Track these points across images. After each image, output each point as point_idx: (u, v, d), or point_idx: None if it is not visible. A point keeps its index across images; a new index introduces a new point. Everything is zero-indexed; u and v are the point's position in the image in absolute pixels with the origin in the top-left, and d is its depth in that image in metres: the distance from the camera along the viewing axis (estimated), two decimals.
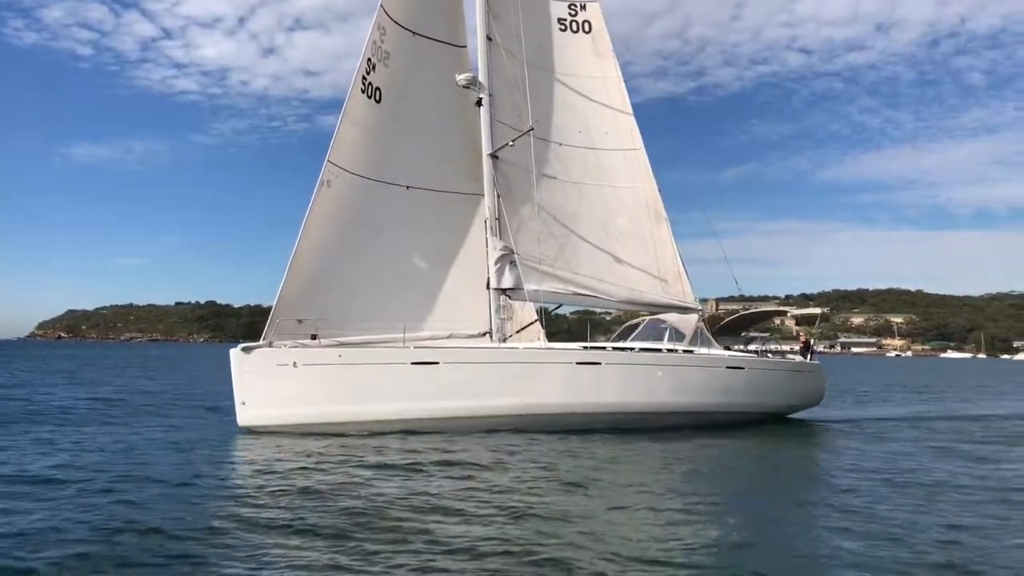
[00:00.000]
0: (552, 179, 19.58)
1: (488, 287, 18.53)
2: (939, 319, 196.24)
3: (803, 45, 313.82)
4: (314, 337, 16.23)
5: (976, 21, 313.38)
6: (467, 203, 19.22)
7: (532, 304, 19.85)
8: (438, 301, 18.20)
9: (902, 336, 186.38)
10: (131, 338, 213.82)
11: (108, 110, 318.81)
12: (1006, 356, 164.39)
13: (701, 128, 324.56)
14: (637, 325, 19.76)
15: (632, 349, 17.93)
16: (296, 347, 15.97)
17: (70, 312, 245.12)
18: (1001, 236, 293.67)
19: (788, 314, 20.96)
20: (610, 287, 19.62)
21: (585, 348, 17.67)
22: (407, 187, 18.41)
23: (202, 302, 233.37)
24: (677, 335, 18.76)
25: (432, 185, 18.76)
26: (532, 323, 19.62)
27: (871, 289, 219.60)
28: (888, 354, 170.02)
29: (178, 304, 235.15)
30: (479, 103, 18.83)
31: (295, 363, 15.74)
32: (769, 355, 20.26)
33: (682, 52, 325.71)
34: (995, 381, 52.40)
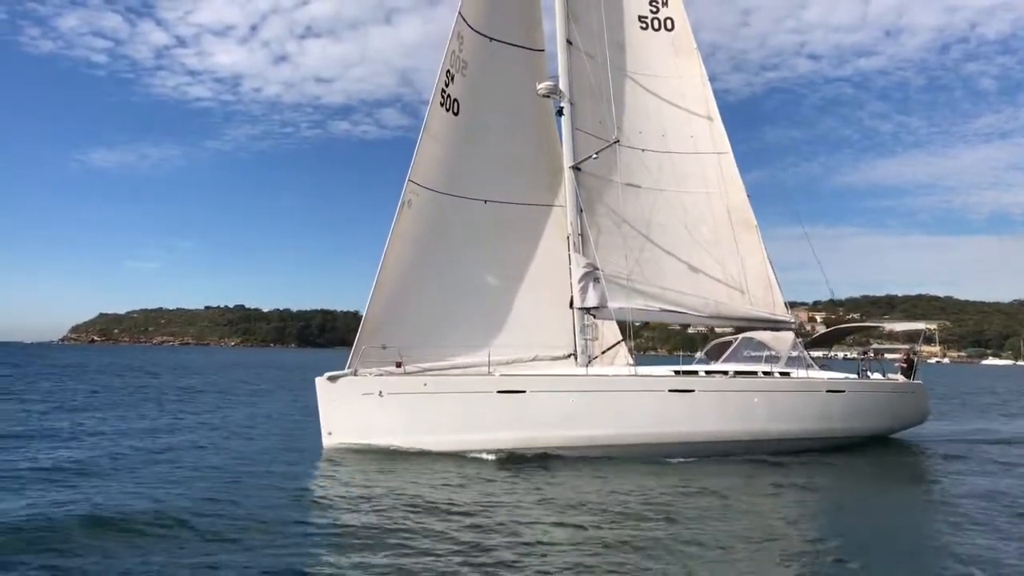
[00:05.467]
0: (636, 188, 18.56)
1: (571, 306, 17.58)
2: (973, 325, 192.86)
3: (812, 51, 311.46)
4: (399, 365, 15.45)
5: (986, 27, 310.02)
6: (543, 215, 18.31)
7: (614, 322, 18.92)
8: (520, 321, 17.28)
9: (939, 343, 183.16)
10: (163, 342, 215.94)
11: (123, 117, 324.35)
12: None
13: None
14: (727, 343, 18.69)
15: (726, 373, 16.87)
16: (381, 375, 15.21)
17: (102, 316, 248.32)
18: (1018, 240, 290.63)
19: (885, 329, 19.96)
20: (697, 301, 18.58)
21: (676, 373, 16.66)
22: (485, 201, 17.54)
23: (231, 306, 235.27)
24: (772, 355, 17.67)
25: (508, 198, 17.86)
26: (617, 343, 18.65)
27: (900, 295, 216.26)
28: (929, 360, 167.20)
29: (208, 308, 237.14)
30: (560, 112, 17.90)
31: (381, 392, 14.99)
32: (870, 374, 19.09)
33: None
34: None
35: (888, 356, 20.08)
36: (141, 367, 59.05)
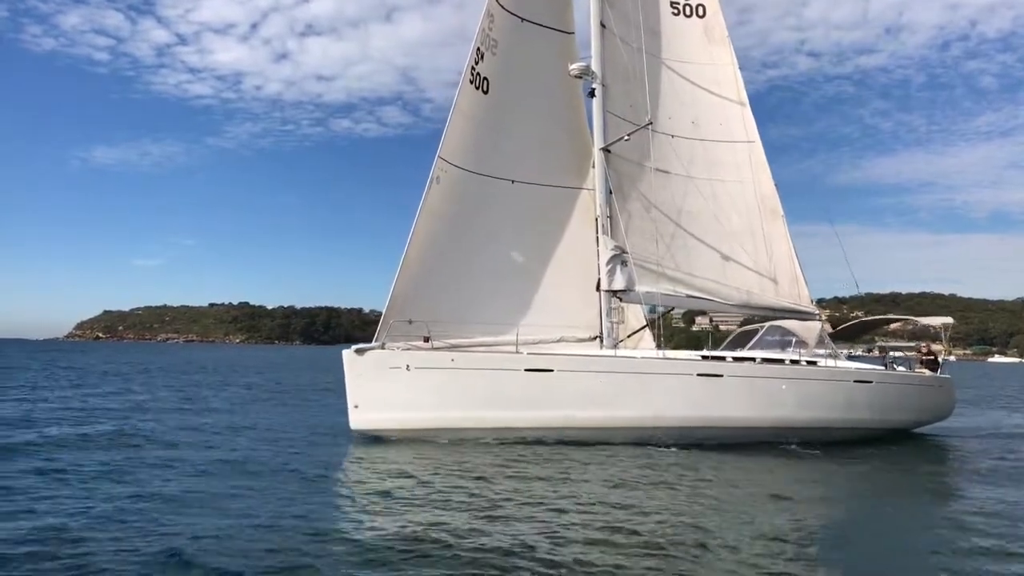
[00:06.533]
0: (665, 174, 18.40)
1: (599, 289, 17.42)
2: (978, 323, 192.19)
3: (812, 48, 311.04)
4: (426, 339, 15.31)
5: (987, 24, 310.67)
6: (570, 198, 18.16)
7: (638, 306, 18.78)
8: (547, 302, 17.14)
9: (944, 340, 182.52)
10: (167, 339, 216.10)
11: (125, 114, 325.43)
12: None
13: None
14: (753, 331, 18.49)
15: (753, 359, 16.69)
16: (409, 349, 15.07)
17: (107, 312, 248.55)
18: (1019, 239, 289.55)
19: (912, 323, 19.66)
20: (724, 289, 18.41)
21: (704, 358, 16.48)
22: (512, 181, 17.42)
23: (235, 303, 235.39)
24: (799, 344, 17.49)
25: (537, 179, 17.73)
26: (642, 328, 18.48)
27: (904, 292, 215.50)
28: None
29: (212, 305, 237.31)
30: (592, 93, 17.76)
31: (408, 366, 14.86)
32: (896, 367, 18.88)
33: None
34: None
35: (893, 354, 19.75)
36: (197, 365, 58.24)
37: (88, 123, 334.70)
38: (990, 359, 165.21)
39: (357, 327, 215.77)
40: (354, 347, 15.15)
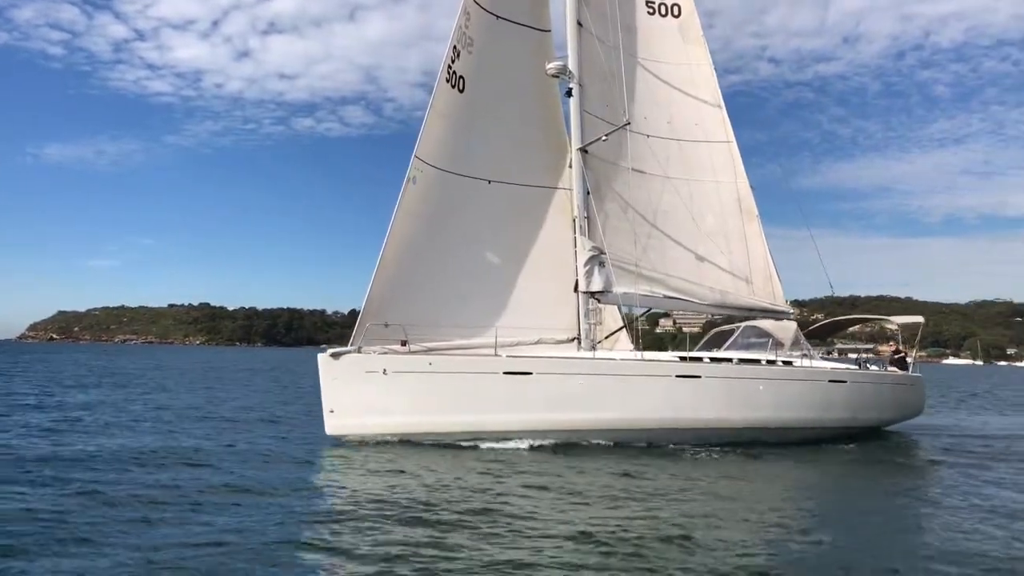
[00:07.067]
0: (641, 174, 18.34)
1: (576, 290, 17.28)
2: (933, 326, 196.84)
3: (773, 55, 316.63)
4: (404, 343, 15.01)
5: (940, 35, 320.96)
6: (547, 198, 17.97)
7: (614, 307, 18.68)
8: (524, 304, 16.92)
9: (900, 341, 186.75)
10: (125, 340, 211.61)
11: (81, 111, 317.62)
12: (1003, 363, 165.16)
13: None
14: (729, 332, 18.51)
15: (730, 360, 16.68)
16: (386, 353, 14.76)
17: (61, 313, 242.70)
18: (972, 243, 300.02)
19: (884, 322, 19.82)
20: (699, 289, 18.43)
21: (682, 359, 16.43)
22: (489, 181, 17.20)
23: (195, 304, 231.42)
24: (775, 344, 17.53)
25: (513, 179, 17.52)
26: (619, 329, 18.39)
27: (863, 296, 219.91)
28: None
29: (171, 306, 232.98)
30: (569, 93, 17.62)
31: (385, 370, 14.56)
32: (869, 366, 19.06)
33: None
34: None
35: (852, 356, 19.93)
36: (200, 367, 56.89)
37: (42, 119, 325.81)
38: (944, 361, 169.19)
39: (320, 329, 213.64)
40: (329, 351, 14.81)
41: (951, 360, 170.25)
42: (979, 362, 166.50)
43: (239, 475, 11.10)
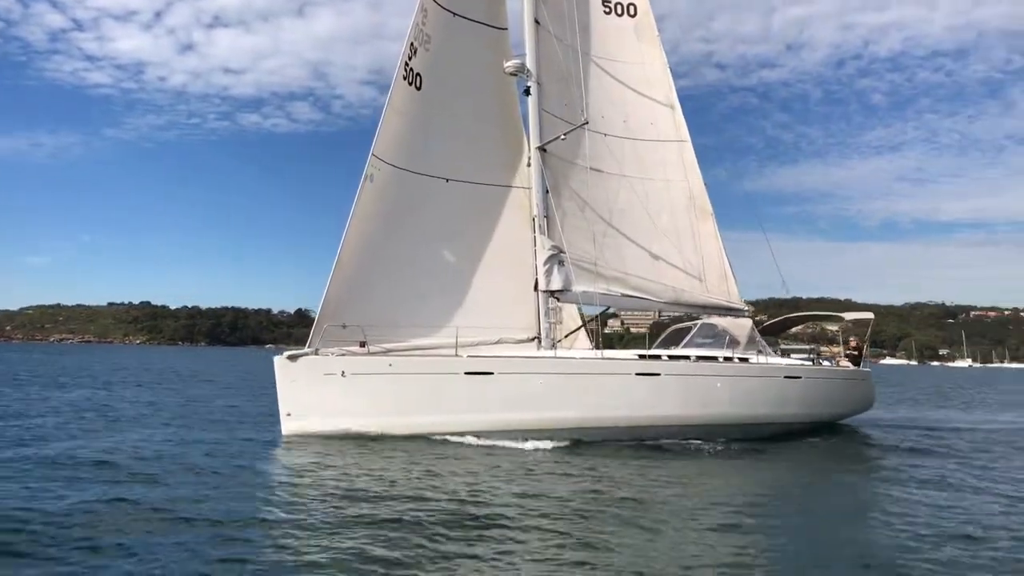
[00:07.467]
0: (598, 173, 18.38)
1: (536, 289, 17.24)
2: (859, 330, 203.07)
3: (719, 60, 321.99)
4: (362, 345, 14.77)
5: (878, 45, 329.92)
6: (505, 197, 17.91)
7: (573, 306, 18.71)
8: (484, 304, 16.82)
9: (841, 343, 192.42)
10: (61, 339, 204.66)
11: (15, 102, 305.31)
12: (935, 363, 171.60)
13: None
14: (686, 329, 18.67)
15: (688, 358, 16.84)
16: (344, 355, 14.51)
17: None
18: (907, 247, 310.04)
19: (835, 320, 20.18)
20: (655, 287, 18.56)
21: (641, 357, 16.52)
22: (447, 180, 17.05)
23: (136, 302, 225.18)
24: (731, 341, 17.76)
25: (471, 177, 17.41)
26: (578, 328, 18.41)
27: (804, 298, 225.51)
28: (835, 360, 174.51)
29: (111, 305, 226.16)
30: (527, 91, 17.54)
31: (343, 372, 14.32)
32: (823, 362, 19.47)
33: None
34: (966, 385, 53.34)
35: (795, 356, 20.16)
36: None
37: None
38: (881, 361, 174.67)
39: (265, 328, 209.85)
40: (286, 352, 14.56)
41: (888, 360, 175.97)
42: (914, 362, 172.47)
43: (188, 484, 10.70)
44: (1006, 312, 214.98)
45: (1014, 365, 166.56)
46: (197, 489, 9.84)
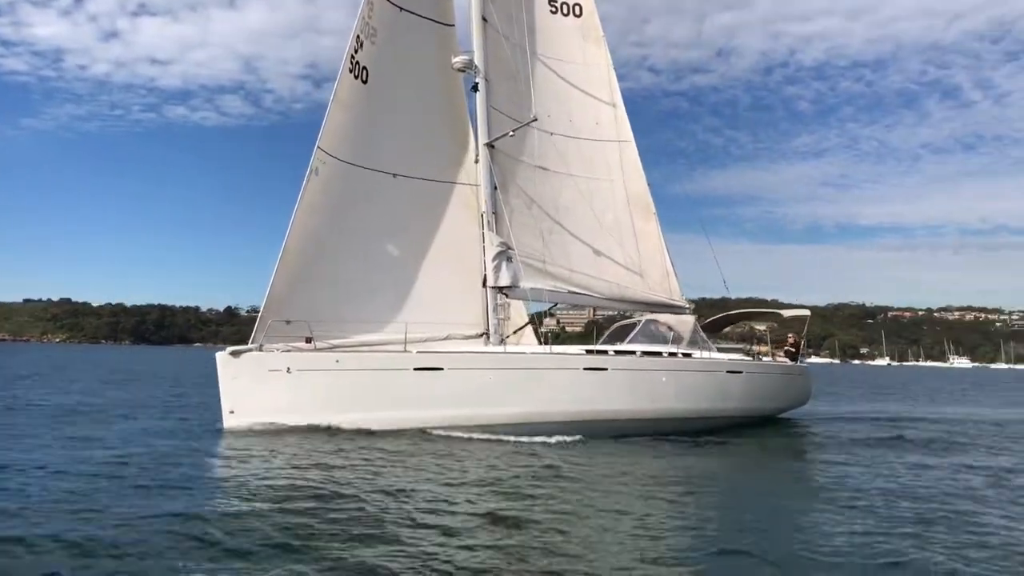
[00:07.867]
0: (545, 171, 18.51)
1: (484, 285, 17.24)
2: (796, 326, 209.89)
3: (652, 64, 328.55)
4: (309, 340, 14.52)
5: (804, 53, 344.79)
6: (452, 193, 17.87)
7: (520, 302, 18.79)
8: (432, 300, 16.75)
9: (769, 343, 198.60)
10: None
11: None
12: (856, 361, 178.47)
13: None
14: (631, 326, 18.93)
15: (634, 353, 17.10)
16: (290, 351, 14.24)
17: None
18: (830, 249, 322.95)
19: (779, 315, 20.88)
20: (599, 284, 18.81)
21: (589, 352, 16.69)
22: (394, 175, 16.91)
23: (55, 299, 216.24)
24: (675, 337, 18.09)
25: (418, 173, 17.32)
26: (526, 325, 18.49)
27: (733, 298, 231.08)
28: (763, 359, 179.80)
29: (27, 301, 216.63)
30: (475, 88, 17.53)
31: (289, 368, 14.05)
32: (762, 358, 20.02)
33: None
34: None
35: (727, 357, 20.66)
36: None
37: None
38: (808, 360, 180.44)
39: (193, 327, 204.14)
40: (229, 349, 14.20)
41: (813, 359, 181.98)
42: (836, 360, 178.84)
43: (129, 482, 10.34)
44: (920, 312, 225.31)
45: (929, 363, 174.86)
46: (122, 488, 9.50)
